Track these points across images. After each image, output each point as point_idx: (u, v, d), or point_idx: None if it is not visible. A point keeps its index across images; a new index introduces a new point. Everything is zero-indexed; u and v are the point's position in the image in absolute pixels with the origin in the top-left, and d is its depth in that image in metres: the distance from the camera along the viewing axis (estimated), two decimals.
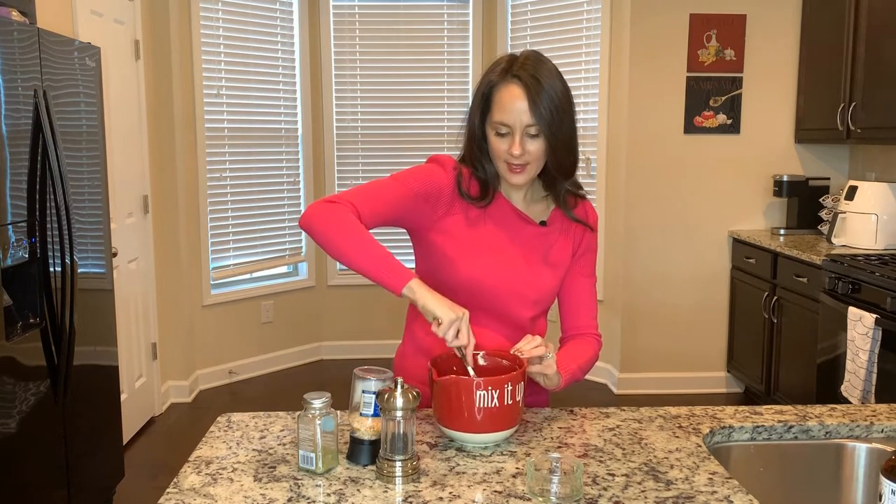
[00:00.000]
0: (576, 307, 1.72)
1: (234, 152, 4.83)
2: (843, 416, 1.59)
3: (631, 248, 4.62)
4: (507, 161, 1.56)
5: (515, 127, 1.52)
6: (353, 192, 1.54)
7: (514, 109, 1.51)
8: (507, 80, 1.53)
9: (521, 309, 1.65)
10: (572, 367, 1.60)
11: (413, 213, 1.59)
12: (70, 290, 2.72)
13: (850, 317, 3.21)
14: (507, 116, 1.52)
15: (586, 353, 1.67)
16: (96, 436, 3.03)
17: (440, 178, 1.60)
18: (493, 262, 1.61)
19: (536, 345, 1.49)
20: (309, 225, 1.48)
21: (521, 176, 1.57)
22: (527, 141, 1.53)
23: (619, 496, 1.24)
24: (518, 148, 1.52)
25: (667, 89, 4.51)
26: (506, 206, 1.64)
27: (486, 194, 1.62)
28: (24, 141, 2.52)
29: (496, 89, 1.54)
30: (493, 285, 1.61)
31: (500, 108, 1.53)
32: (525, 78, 1.51)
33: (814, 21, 4.35)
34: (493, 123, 1.55)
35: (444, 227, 1.61)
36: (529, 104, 1.50)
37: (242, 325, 4.97)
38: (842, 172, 4.57)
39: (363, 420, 1.35)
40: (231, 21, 4.76)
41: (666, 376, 4.68)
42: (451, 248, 1.61)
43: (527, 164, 1.55)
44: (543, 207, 1.68)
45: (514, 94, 1.52)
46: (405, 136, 5.26)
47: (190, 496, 1.25)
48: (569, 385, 1.59)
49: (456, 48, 5.27)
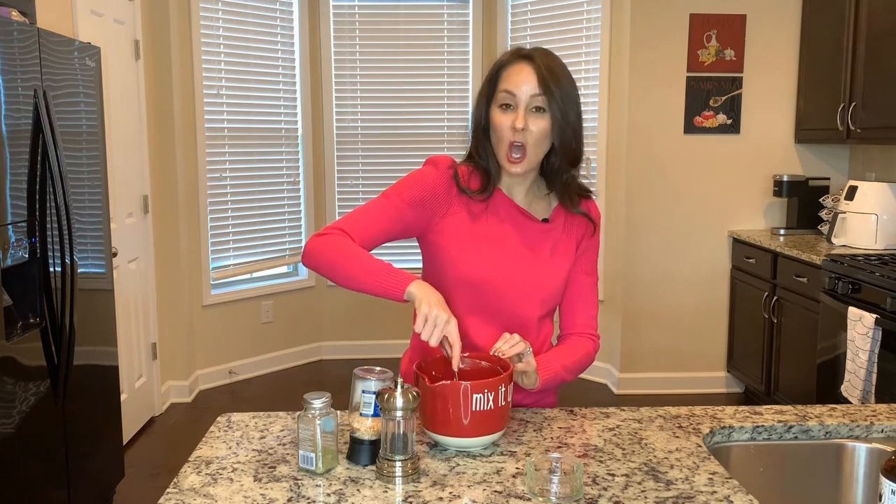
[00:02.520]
0: (574, 305, 1.70)
1: (234, 152, 4.83)
2: (843, 416, 1.59)
3: (631, 247, 4.62)
4: (509, 141, 1.54)
5: (521, 98, 1.52)
6: (344, 220, 1.56)
7: (521, 80, 1.52)
8: (517, 60, 1.55)
9: (528, 308, 1.63)
10: (555, 367, 1.58)
11: (412, 223, 1.58)
12: (70, 290, 2.72)
13: (850, 317, 3.21)
14: (513, 86, 1.53)
15: (576, 354, 1.65)
16: (96, 436, 3.03)
17: (434, 179, 1.59)
18: (496, 259, 1.60)
19: (515, 343, 1.47)
20: (310, 261, 1.52)
21: (519, 165, 1.55)
22: (530, 116, 1.52)
23: (619, 496, 1.24)
24: (521, 120, 1.51)
25: (667, 89, 4.51)
26: (507, 202, 1.63)
27: (487, 186, 1.60)
28: (24, 141, 2.52)
29: (504, 68, 1.56)
30: (496, 283, 1.59)
31: (507, 80, 1.54)
32: (537, 59, 1.53)
33: (814, 21, 4.35)
34: (499, 96, 1.55)
35: (445, 226, 1.60)
36: (538, 77, 1.51)
37: (242, 325, 4.97)
38: (842, 172, 4.57)
39: (363, 420, 1.35)
40: (231, 21, 4.76)
41: (666, 376, 4.68)
42: (453, 246, 1.59)
43: (526, 148, 1.54)
44: (546, 205, 1.67)
45: (522, 69, 1.53)
46: (405, 136, 5.26)
47: (190, 496, 1.25)
48: (548, 385, 1.57)
49: (456, 48, 5.26)
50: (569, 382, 1.68)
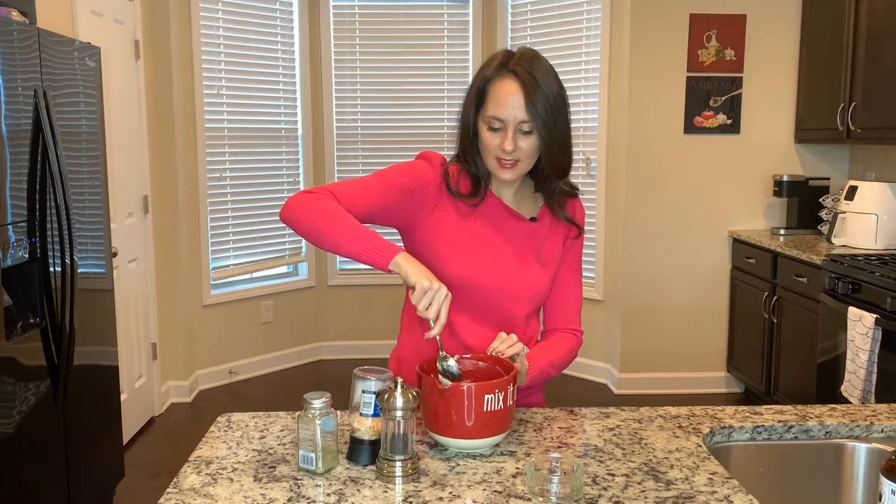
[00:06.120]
0: (559, 301, 1.71)
1: (234, 152, 4.83)
2: (843, 416, 1.59)
3: (631, 248, 4.62)
4: (497, 157, 1.55)
5: (509, 122, 1.51)
6: (334, 184, 1.53)
7: (508, 104, 1.51)
8: (502, 75, 1.52)
9: (515, 307, 1.64)
10: (542, 364, 1.59)
11: (398, 208, 1.57)
12: (70, 290, 2.72)
13: (850, 317, 3.21)
14: (500, 111, 1.51)
15: (561, 349, 1.66)
16: (96, 436, 3.03)
17: (426, 172, 1.59)
18: (484, 259, 1.60)
19: (512, 343, 1.48)
20: (289, 214, 1.46)
21: (510, 172, 1.56)
22: (519, 137, 1.52)
23: (619, 496, 1.24)
24: (510, 143, 1.51)
25: (667, 89, 4.51)
26: (496, 202, 1.64)
27: (478, 191, 1.61)
28: (24, 141, 2.52)
29: (491, 83, 1.54)
30: (484, 282, 1.60)
31: (494, 103, 1.53)
32: (521, 73, 1.50)
33: (814, 21, 4.35)
34: (487, 118, 1.54)
35: (432, 222, 1.60)
36: (525, 100, 1.49)
37: (242, 325, 4.97)
38: (842, 172, 4.57)
39: (363, 420, 1.35)
40: (231, 21, 4.76)
41: (666, 376, 4.68)
42: (440, 245, 1.59)
43: (518, 160, 1.55)
44: (532, 203, 1.68)
45: (509, 90, 1.51)
46: (405, 137, 5.26)
47: (190, 496, 1.25)
48: (535, 381, 1.58)
49: (456, 48, 5.26)
50: (554, 379, 1.69)
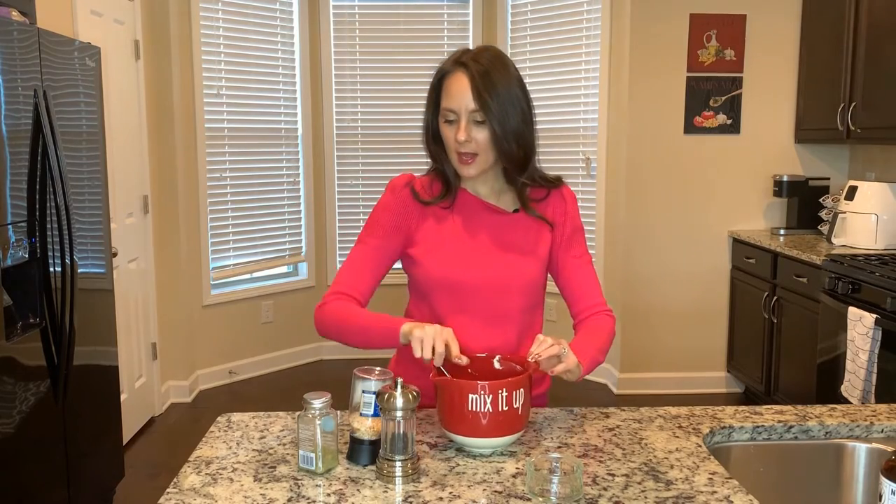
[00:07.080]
0: (579, 289, 1.70)
1: (234, 152, 4.83)
2: (843, 416, 1.59)
3: (631, 248, 4.62)
4: (457, 151, 1.57)
5: (461, 112, 1.55)
6: (337, 279, 1.63)
7: (458, 95, 1.55)
8: (454, 69, 1.57)
9: (508, 300, 1.63)
10: (591, 353, 1.57)
11: (395, 250, 1.65)
12: (70, 290, 2.72)
13: (850, 317, 3.21)
14: (452, 102, 1.55)
15: (602, 334, 1.64)
16: (96, 436, 3.03)
17: (396, 201, 1.64)
18: (467, 255, 1.62)
19: (549, 345, 1.46)
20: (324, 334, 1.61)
21: (471, 167, 1.58)
22: (473, 128, 1.55)
23: (619, 496, 1.24)
24: (463, 133, 1.54)
25: (667, 89, 4.51)
26: (471, 199, 1.66)
27: (449, 191, 1.64)
28: (24, 141, 2.52)
29: (445, 78, 1.59)
30: (468, 279, 1.61)
31: (446, 95, 1.57)
32: (471, 66, 1.55)
33: (814, 21, 4.35)
34: (442, 111, 1.58)
35: (419, 238, 1.64)
36: (473, 90, 1.53)
37: (242, 325, 4.97)
38: (842, 172, 4.57)
39: (363, 420, 1.35)
40: (231, 21, 4.76)
41: (666, 376, 4.68)
42: (423, 253, 1.63)
43: (475, 154, 1.57)
44: (513, 196, 1.68)
45: (460, 81, 1.55)
46: (405, 137, 5.25)
47: (190, 496, 1.25)
48: (591, 370, 1.57)
49: (456, 48, 5.25)
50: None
